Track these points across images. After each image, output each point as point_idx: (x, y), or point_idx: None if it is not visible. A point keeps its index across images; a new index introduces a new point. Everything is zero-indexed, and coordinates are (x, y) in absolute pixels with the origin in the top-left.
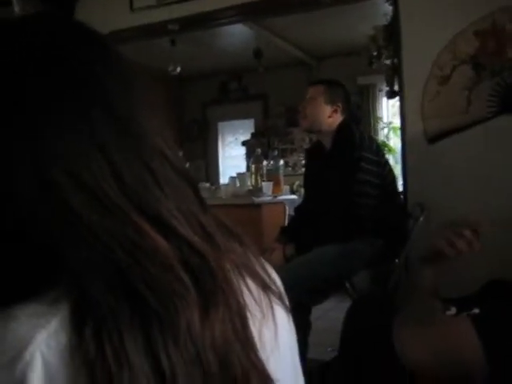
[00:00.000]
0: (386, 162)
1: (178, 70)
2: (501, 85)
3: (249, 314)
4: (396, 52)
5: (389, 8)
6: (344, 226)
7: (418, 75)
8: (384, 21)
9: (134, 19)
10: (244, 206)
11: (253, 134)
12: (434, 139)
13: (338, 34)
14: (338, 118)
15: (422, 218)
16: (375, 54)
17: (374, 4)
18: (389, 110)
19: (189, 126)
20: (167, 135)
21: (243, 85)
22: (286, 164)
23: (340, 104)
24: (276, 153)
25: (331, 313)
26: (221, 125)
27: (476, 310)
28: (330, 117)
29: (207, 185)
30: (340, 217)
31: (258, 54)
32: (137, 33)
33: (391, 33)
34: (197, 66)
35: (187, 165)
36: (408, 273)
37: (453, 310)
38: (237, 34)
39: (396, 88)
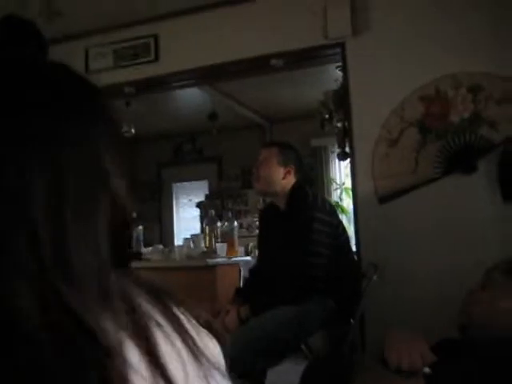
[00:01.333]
0: (339, 223)
1: (133, 131)
2: (445, 147)
3: None
4: (346, 115)
5: (339, 73)
6: (298, 286)
7: (367, 137)
8: (335, 86)
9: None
10: (198, 268)
11: (207, 196)
12: (384, 199)
13: (291, 98)
14: (291, 180)
15: (375, 278)
16: (327, 117)
17: (324, 70)
18: (341, 171)
19: (143, 187)
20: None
21: (198, 146)
22: (241, 225)
23: (293, 166)
24: (230, 214)
25: (287, 376)
26: (175, 186)
27: (427, 369)
28: (283, 178)
29: (160, 247)
30: (294, 277)
31: (212, 116)
32: None
33: (341, 97)
34: (152, 127)
35: (140, 227)
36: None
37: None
38: (192, 97)
39: (347, 150)
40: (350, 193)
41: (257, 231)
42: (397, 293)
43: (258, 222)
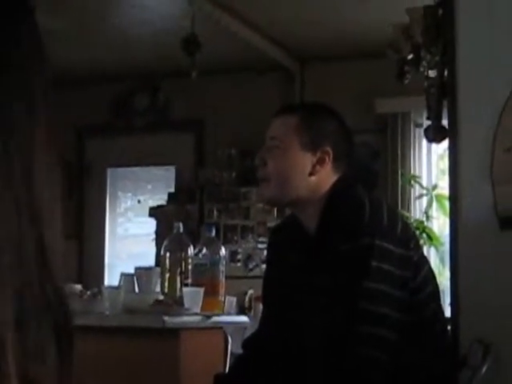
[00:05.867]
0: (422, 261)
1: None
2: None
3: None
4: (448, 56)
5: None
6: (341, 379)
7: (486, 101)
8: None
9: None
10: (146, 334)
11: (172, 196)
12: (511, 221)
13: (340, 19)
14: (327, 176)
15: (485, 368)
16: (410, 57)
17: None
18: (432, 164)
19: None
20: None
21: (161, 101)
22: (233, 256)
23: (330, 148)
24: (214, 232)
25: None
26: (112, 173)
27: None
28: (311, 174)
29: (77, 287)
30: (334, 362)
31: (191, 44)
32: None
33: (439, 21)
34: (75, 60)
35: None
36: None
37: None
38: (156, 5)
39: (446, 123)
40: (447, 205)
41: (263, 268)
42: None
43: (265, 253)
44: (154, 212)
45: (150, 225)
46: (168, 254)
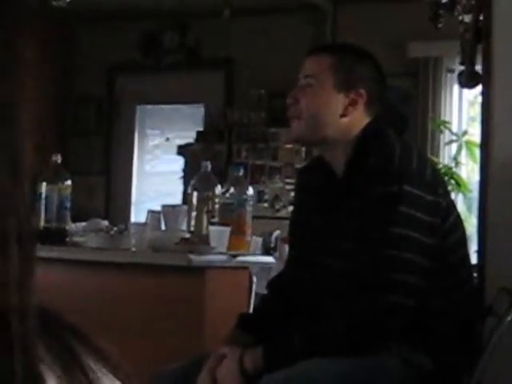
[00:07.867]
0: (450, 207)
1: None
2: None
3: None
4: (484, 1)
5: None
6: (362, 323)
7: None
8: None
9: None
10: (172, 271)
11: (200, 134)
12: None
13: None
14: (359, 118)
15: (510, 317)
16: (444, 0)
17: None
18: (463, 111)
19: (80, 109)
20: None
21: (190, 40)
22: (260, 196)
23: (364, 90)
24: (242, 172)
25: None
26: (141, 110)
27: None
28: (343, 115)
29: (104, 223)
30: (355, 306)
31: None
32: None
33: None
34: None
35: (68, 183)
36: None
37: None
38: None
39: (480, 68)
40: (477, 152)
41: (290, 209)
42: None
43: (293, 194)
44: (182, 150)
45: (178, 163)
46: (195, 193)
